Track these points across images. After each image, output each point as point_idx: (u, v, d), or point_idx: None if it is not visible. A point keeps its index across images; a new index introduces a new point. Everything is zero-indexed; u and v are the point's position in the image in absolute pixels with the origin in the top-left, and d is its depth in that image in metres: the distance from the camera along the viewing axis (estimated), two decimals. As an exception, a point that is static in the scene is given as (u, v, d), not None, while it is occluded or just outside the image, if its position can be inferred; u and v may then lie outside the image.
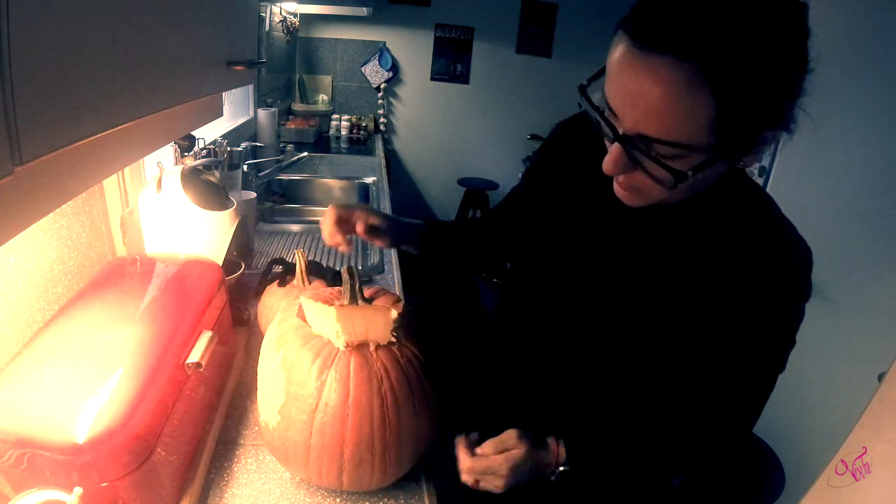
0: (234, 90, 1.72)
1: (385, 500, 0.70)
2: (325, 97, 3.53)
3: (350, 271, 0.69)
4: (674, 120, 0.44)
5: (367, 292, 0.73)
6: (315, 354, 0.63)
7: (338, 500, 0.69)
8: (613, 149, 0.50)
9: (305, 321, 0.67)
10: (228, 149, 1.50)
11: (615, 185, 0.57)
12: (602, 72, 0.50)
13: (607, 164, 0.51)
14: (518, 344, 0.79)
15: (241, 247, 1.32)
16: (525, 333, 0.78)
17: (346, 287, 0.69)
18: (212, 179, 1.04)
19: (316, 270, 1.08)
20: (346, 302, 0.67)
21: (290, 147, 2.48)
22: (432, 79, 3.67)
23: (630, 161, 0.50)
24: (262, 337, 0.73)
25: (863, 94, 1.43)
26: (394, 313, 0.64)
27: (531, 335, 0.76)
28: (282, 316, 0.70)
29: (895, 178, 1.40)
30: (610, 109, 0.49)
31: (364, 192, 2.26)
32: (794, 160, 1.57)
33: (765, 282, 0.57)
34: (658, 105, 0.44)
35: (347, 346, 0.63)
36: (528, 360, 0.77)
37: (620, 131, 0.49)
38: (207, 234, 0.97)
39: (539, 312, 0.75)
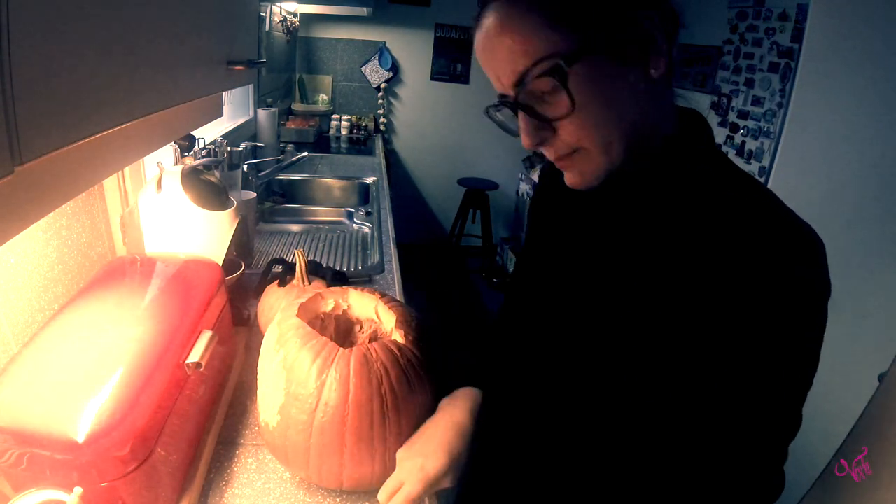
0: (234, 90, 1.72)
1: (385, 499, 0.70)
2: (325, 97, 3.53)
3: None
4: (521, 45, 0.46)
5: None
6: (315, 354, 0.63)
7: (338, 500, 0.69)
8: (519, 120, 0.51)
9: (305, 321, 0.68)
10: (228, 149, 1.50)
11: (565, 176, 0.55)
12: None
13: (523, 139, 0.51)
14: (516, 362, 0.70)
15: (241, 246, 1.32)
16: (522, 351, 0.69)
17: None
18: (212, 179, 1.04)
19: (316, 270, 1.08)
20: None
21: (290, 147, 2.48)
22: (432, 79, 3.68)
23: (533, 119, 0.50)
24: (262, 337, 0.73)
25: (863, 95, 1.43)
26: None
27: (528, 353, 0.67)
28: (282, 316, 0.70)
29: (894, 177, 1.40)
30: (499, 98, 0.52)
31: (364, 192, 2.26)
32: (794, 160, 1.57)
33: (773, 278, 0.47)
34: (504, 43, 0.47)
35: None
36: (523, 378, 0.67)
37: (510, 98, 0.50)
38: (207, 233, 0.97)
39: (534, 332, 0.66)
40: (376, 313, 0.78)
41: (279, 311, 0.73)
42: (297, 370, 0.62)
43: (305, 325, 0.67)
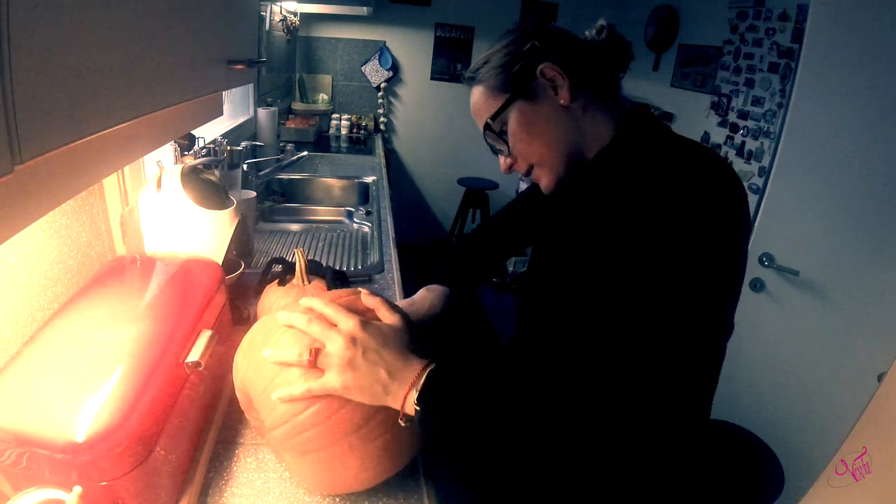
0: (233, 89, 1.72)
1: (385, 499, 0.70)
2: (325, 96, 3.52)
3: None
4: (479, 110, 0.74)
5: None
6: (303, 348, 0.62)
7: (337, 499, 0.69)
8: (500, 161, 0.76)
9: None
10: (228, 148, 1.50)
11: (540, 185, 0.75)
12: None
13: (501, 165, 0.76)
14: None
15: (241, 246, 1.32)
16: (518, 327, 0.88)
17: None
18: (212, 178, 1.04)
19: (315, 269, 1.08)
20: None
21: (289, 146, 2.48)
22: (432, 78, 3.67)
23: (498, 152, 0.75)
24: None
25: (863, 95, 1.42)
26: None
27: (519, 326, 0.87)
28: (267, 316, 0.70)
29: (895, 177, 1.40)
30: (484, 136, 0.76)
31: (364, 192, 2.26)
32: (794, 160, 1.57)
33: (660, 215, 0.55)
34: (474, 108, 0.76)
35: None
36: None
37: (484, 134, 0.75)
38: (207, 233, 0.97)
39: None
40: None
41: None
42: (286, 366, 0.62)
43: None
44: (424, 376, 0.58)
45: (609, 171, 0.68)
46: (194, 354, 0.65)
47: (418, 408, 0.57)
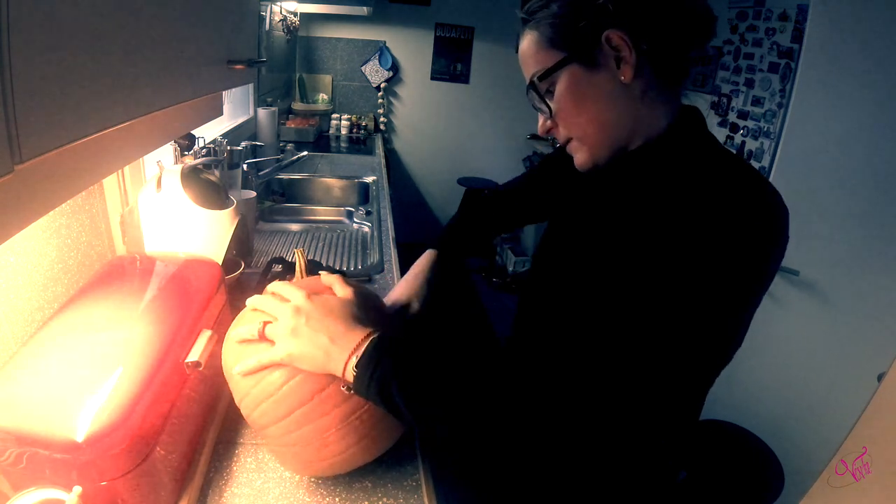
0: (233, 89, 1.71)
1: (385, 499, 0.70)
2: (325, 96, 3.52)
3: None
4: (530, 59, 0.64)
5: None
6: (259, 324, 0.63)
7: (337, 499, 0.69)
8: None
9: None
10: (228, 148, 1.50)
11: (574, 158, 0.67)
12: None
13: (538, 125, 0.67)
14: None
15: (241, 246, 1.32)
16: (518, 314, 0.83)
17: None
18: (212, 178, 1.04)
19: (315, 269, 1.08)
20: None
21: (289, 146, 2.48)
22: (432, 78, 3.67)
23: (540, 106, 0.65)
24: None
25: (863, 95, 1.43)
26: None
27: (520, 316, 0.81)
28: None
29: (894, 177, 1.40)
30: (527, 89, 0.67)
31: (364, 192, 2.26)
32: (794, 160, 1.57)
33: (700, 227, 0.51)
34: (524, 55, 0.66)
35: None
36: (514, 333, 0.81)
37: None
38: (207, 232, 0.97)
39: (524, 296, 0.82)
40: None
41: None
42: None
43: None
44: (367, 344, 0.58)
45: (653, 168, 0.61)
46: (194, 354, 0.65)
47: (355, 373, 0.57)
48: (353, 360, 0.57)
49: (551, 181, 0.93)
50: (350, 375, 0.58)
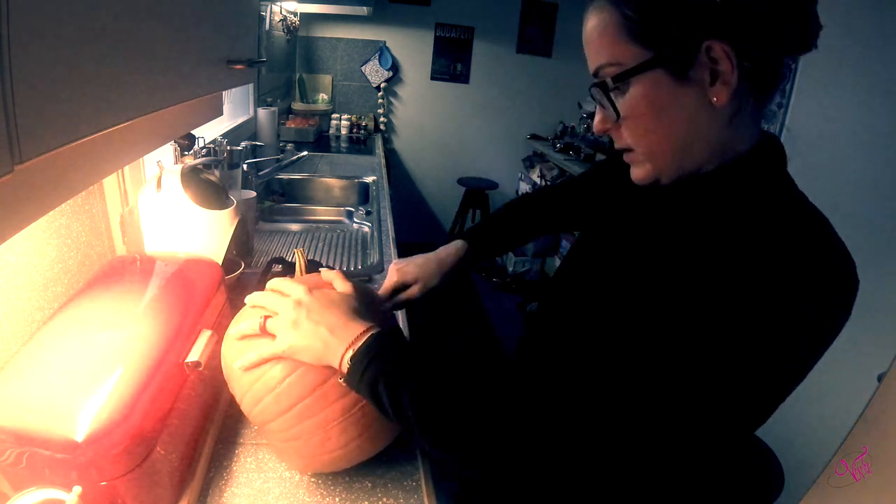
0: (233, 89, 1.71)
1: (385, 499, 0.70)
2: (325, 96, 3.52)
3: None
4: (602, 45, 0.53)
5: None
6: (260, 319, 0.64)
7: (337, 499, 0.69)
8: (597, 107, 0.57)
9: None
10: (228, 148, 1.50)
11: (631, 169, 0.58)
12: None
13: (595, 122, 0.58)
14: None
15: (241, 246, 1.32)
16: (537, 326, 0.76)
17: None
18: (211, 178, 1.04)
19: (315, 269, 1.08)
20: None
21: (289, 146, 2.49)
22: (432, 78, 3.67)
23: (605, 105, 0.54)
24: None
25: (863, 95, 1.43)
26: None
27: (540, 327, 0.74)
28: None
29: (894, 177, 1.40)
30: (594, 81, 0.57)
31: (364, 192, 2.26)
32: (793, 161, 1.57)
33: (753, 262, 0.45)
34: (593, 37, 0.54)
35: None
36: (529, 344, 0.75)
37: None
38: (207, 232, 0.97)
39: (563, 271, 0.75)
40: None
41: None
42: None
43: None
44: (365, 338, 0.58)
45: (723, 199, 0.53)
46: (194, 354, 0.65)
47: (349, 365, 0.57)
48: (350, 353, 0.58)
49: (601, 188, 0.82)
50: (345, 367, 0.58)
